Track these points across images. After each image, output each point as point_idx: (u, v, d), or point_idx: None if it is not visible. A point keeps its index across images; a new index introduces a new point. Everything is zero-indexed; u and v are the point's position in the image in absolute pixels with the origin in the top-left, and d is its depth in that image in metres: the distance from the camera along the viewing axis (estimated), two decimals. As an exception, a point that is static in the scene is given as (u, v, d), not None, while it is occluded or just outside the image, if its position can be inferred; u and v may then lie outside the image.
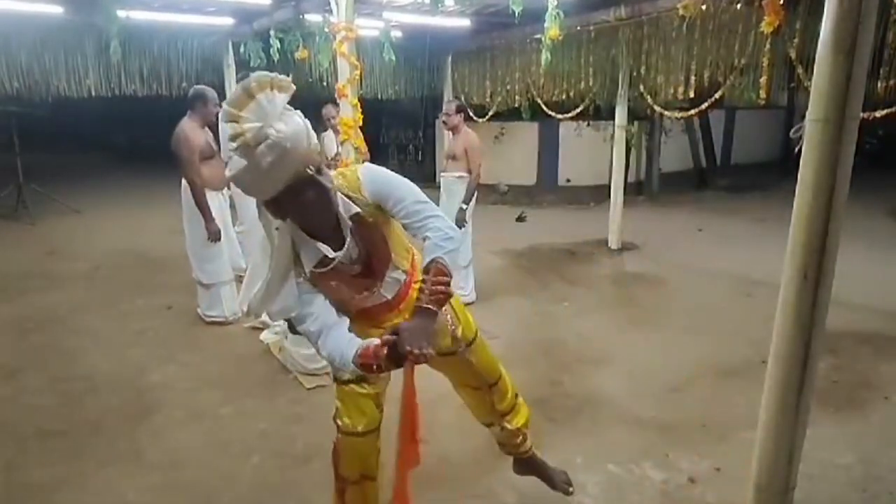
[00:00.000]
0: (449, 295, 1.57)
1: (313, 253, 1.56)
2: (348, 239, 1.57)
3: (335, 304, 1.67)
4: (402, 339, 1.44)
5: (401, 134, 12.24)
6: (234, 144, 1.36)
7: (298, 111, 1.45)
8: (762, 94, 4.69)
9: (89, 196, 9.64)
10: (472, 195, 4.56)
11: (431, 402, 3.16)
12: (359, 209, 1.58)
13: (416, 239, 1.68)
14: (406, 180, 1.68)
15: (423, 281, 1.54)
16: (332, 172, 1.64)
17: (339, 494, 2.00)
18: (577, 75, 6.18)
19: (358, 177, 1.63)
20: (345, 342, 1.56)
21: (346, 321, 1.67)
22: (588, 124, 9.15)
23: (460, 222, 4.54)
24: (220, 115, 1.40)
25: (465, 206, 4.51)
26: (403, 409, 1.63)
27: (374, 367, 1.50)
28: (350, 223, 1.57)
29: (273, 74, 1.39)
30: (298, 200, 1.46)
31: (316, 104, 5.52)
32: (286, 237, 1.55)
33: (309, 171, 1.43)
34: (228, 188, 4.37)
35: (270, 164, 1.35)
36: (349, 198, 1.59)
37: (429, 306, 1.50)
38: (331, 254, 1.56)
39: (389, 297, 1.77)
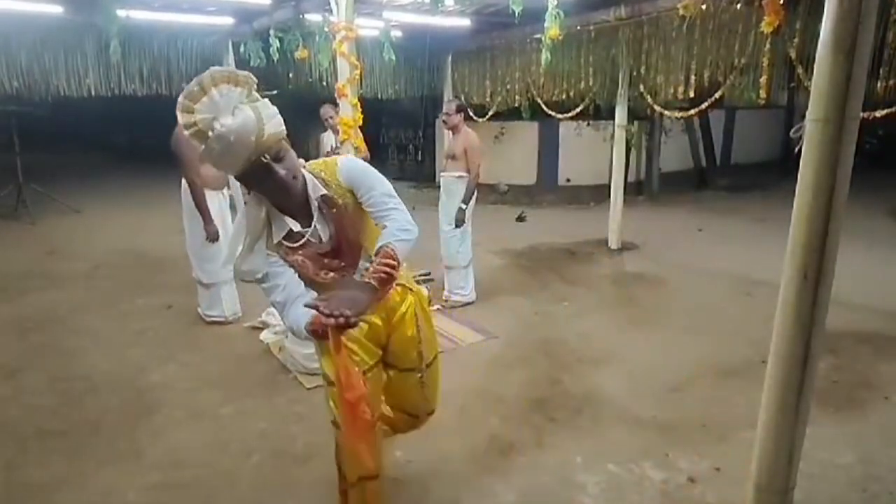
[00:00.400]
0: (392, 278, 1.63)
1: (282, 225, 1.66)
2: (316, 215, 1.67)
3: (304, 281, 1.74)
4: (326, 304, 1.47)
5: (401, 134, 12.25)
6: (187, 133, 1.49)
7: (261, 103, 1.52)
8: (762, 93, 4.68)
9: (89, 196, 9.65)
10: (472, 195, 4.55)
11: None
12: (326, 191, 1.67)
13: (377, 227, 1.74)
14: (381, 176, 1.76)
15: (372, 262, 1.62)
16: (311, 162, 1.76)
17: (342, 495, 2.01)
18: (577, 75, 6.18)
19: (337, 163, 1.74)
20: (303, 313, 1.61)
21: (312, 294, 1.71)
22: (588, 124, 9.15)
23: (460, 222, 4.55)
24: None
25: (464, 206, 4.51)
26: (336, 374, 1.64)
27: (321, 332, 1.55)
28: (317, 203, 1.66)
29: (232, 69, 1.50)
30: (257, 182, 1.58)
31: (316, 104, 5.53)
32: (261, 207, 1.65)
33: (263, 159, 1.51)
34: (228, 188, 4.37)
35: (218, 152, 1.49)
36: (324, 181, 1.69)
37: (369, 281, 1.57)
38: (296, 227, 1.66)
39: None
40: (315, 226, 1.67)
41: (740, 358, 3.66)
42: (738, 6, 4.63)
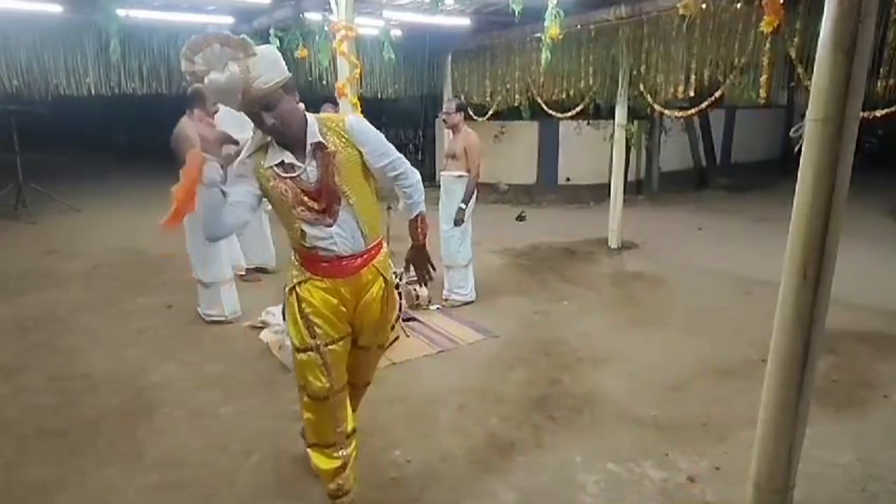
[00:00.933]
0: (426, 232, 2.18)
1: (276, 155, 1.89)
2: (308, 158, 1.88)
3: (280, 212, 1.96)
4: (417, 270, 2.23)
5: (401, 133, 12.25)
6: (188, 77, 1.77)
7: (254, 60, 1.70)
8: (762, 93, 4.68)
9: (89, 195, 9.64)
10: (472, 194, 4.55)
11: (431, 403, 3.18)
12: (322, 139, 1.88)
13: (387, 183, 2.09)
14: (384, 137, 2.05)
15: (414, 227, 2.14)
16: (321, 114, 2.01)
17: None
18: (577, 74, 6.18)
19: (344, 117, 1.99)
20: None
21: (247, 216, 1.98)
22: (588, 123, 9.15)
23: (459, 221, 4.54)
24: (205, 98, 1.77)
25: (464, 206, 4.50)
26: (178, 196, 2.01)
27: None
28: (311, 148, 1.88)
29: (228, 34, 1.71)
30: (252, 121, 1.84)
31: (315, 103, 5.52)
32: (265, 136, 1.90)
33: (255, 109, 1.76)
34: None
35: (211, 96, 1.89)
36: (326, 127, 1.91)
37: (423, 243, 2.19)
38: (288, 159, 1.87)
39: (339, 252, 1.96)
40: (307, 167, 1.88)
41: (740, 358, 3.66)
42: (738, 6, 4.63)
